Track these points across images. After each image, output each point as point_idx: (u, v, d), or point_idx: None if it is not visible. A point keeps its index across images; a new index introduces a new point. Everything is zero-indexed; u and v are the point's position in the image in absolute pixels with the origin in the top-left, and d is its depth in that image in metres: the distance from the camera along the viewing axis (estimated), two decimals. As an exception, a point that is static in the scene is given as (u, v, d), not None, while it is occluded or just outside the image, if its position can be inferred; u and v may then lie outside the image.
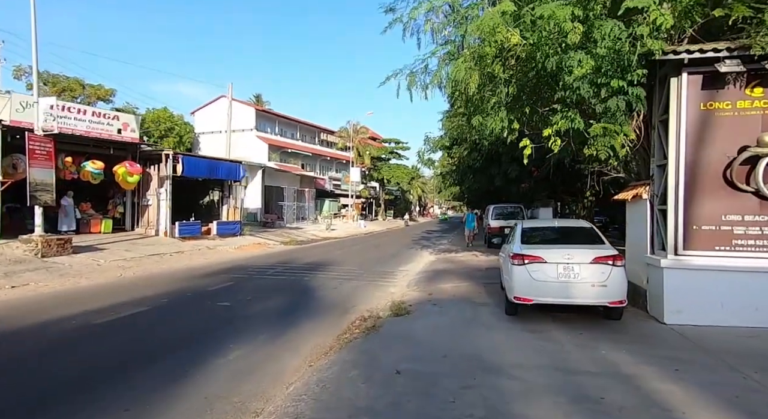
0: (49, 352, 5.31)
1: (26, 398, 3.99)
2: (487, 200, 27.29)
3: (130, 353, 5.27)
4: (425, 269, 12.75)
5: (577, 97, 6.39)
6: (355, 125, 45.46)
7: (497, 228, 18.85)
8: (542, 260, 5.93)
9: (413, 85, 8.07)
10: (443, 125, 18.20)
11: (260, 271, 11.94)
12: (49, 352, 5.31)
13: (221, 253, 16.27)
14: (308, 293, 9.15)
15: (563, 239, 6.52)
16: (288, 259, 15.11)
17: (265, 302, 8.26)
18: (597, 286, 5.68)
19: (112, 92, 35.90)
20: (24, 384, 4.29)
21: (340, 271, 12.37)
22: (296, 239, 23.39)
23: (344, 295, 9.04)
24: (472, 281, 10.26)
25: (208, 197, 21.81)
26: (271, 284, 10.19)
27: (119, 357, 5.09)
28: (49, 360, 5.03)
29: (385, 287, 9.98)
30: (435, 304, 7.73)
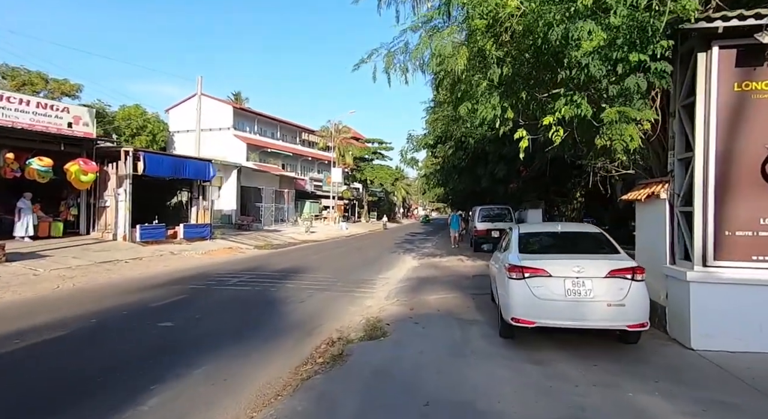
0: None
1: None
2: (473, 202, 26.38)
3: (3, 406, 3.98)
4: (407, 277, 11.63)
5: (585, 77, 5.35)
6: (336, 125, 44.21)
7: (484, 231, 17.86)
8: (546, 274, 4.85)
9: (391, 66, 6.94)
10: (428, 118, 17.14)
11: (222, 280, 10.64)
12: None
13: (185, 259, 14.87)
14: (271, 308, 7.93)
15: (569, 248, 5.46)
16: (258, 265, 13.82)
17: (218, 320, 7.01)
18: (614, 306, 4.62)
19: (78, 87, 33.92)
20: None
21: (313, 279, 11.15)
22: (272, 242, 22.03)
23: (313, 310, 7.85)
24: (458, 291, 9.17)
25: (176, 199, 20.32)
26: (231, 296, 8.92)
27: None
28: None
29: (362, 299, 8.81)
30: (417, 322, 6.59)
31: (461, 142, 17.59)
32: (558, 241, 5.76)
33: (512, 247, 5.67)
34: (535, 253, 5.42)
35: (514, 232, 6.01)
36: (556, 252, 5.36)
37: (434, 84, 7.70)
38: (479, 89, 6.51)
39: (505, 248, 6.38)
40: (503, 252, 6.26)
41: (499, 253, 6.99)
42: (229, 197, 28.05)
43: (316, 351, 5.56)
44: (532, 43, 5.86)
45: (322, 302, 8.53)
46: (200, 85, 19.47)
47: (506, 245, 6.30)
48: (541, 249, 5.58)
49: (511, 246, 5.71)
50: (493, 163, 16.79)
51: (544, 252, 5.46)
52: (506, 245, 6.34)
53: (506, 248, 6.19)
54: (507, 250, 5.95)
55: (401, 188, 60.41)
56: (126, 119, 37.75)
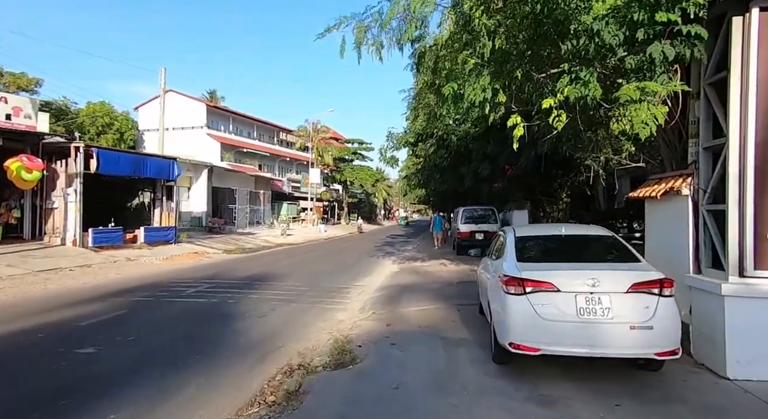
0: None
1: None
2: (455, 203, 25.54)
3: None
4: (386, 284, 10.59)
5: (595, 48, 4.42)
6: (315, 124, 42.96)
7: (467, 233, 16.97)
8: (553, 289, 3.89)
9: (363, 41, 5.90)
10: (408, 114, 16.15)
11: (176, 291, 9.40)
12: None
13: (142, 266, 13.50)
14: (225, 325, 6.77)
15: (578, 255, 4.51)
16: (222, 272, 12.58)
17: (155, 343, 5.83)
18: (638, 328, 3.68)
19: (37, 82, 31.84)
20: None
21: (281, 288, 10.01)
22: (243, 246, 20.73)
23: (274, 326, 6.74)
24: (442, 301, 8.18)
25: (138, 200, 18.82)
26: (180, 310, 7.72)
27: None
28: None
29: (333, 312, 7.73)
30: (394, 343, 5.55)
31: (443, 139, 16.70)
32: (563, 246, 4.80)
33: (507, 254, 4.70)
34: (537, 261, 4.46)
35: (509, 235, 5.03)
36: (562, 260, 4.40)
37: (414, 63, 6.70)
38: (466, 67, 5.54)
39: (497, 254, 5.41)
40: (495, 259, 5.29)
41: (489, 259, 6.02)
42: (199, 198, 26.54)
43: (268, 385, 4.47)
44: (530, 10, 4.93)
45: (287, 316, 7.41)
46: (164, 78, 18.08)
47: (499, 251, 5.32)
48: (544, 257, 4.61)
49: (506, 253, 4.74)
50: (476, 161, 15.92)
51: (547, 260, 4.50)
52: (499, 250, 5.37)
53: (499, 255, 5.21)
54: (501, 257, 4.97)
55: (382, 189, 59.43)
56: (91, 116, 35.67)
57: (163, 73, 18.05)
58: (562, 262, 4.32)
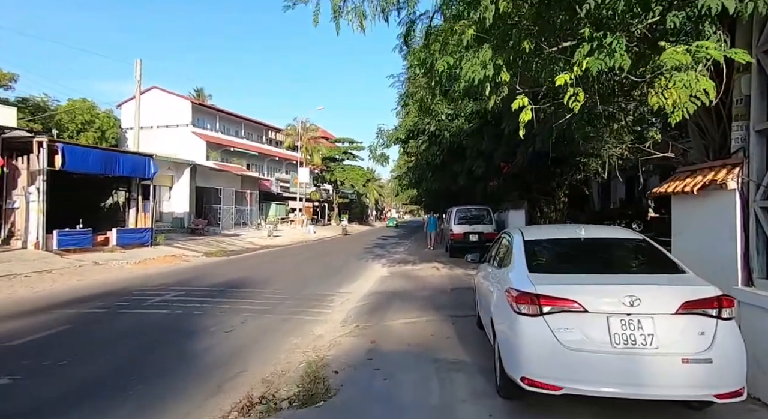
0: None
1: None
2: (447, 203, 24.71)
3: None
4: (374, 290, 9.69)
5: (624, 6, 3.57)
6: (304, 122, 41.92)
7: (461, 234, 16.13)
8: (578, 308, 3.01)
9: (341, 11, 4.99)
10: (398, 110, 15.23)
11: (139, 300, 8.41)
12: None
13: (110, 270, 12.45)
14: (183, 343, 5.82)
15: (604, 263, 3.66)
16: (197, 277, 11.58)
17: (91, 368, 4.86)
18: (692, 362, 2.81)
19: (12, 77, 30.44)
20: None
21: (258, 296, 9.06)
22: (226, 248, 19.69)
23: (241, 344, 5.80)
24: (434, 311, 7.29)
25: (112, 199, 17.71)
26: (137, 324, 6.74)
27: None
28: None
29: (311, 325, 6.81)
30: (378, 368, 4.63)
31: (435, 136, 15.82)
32: (584, 253, 3.91)
33: (515, 262, 3.81)
34: (553, 272, 3.58)
35: (516, 238, 4.15)
36: (586, 271, 3.52)
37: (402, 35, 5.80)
38: (464, 38, 4.65)
39: (500, 261, 4.52)
40: (499, 267, 4.40)
41: (490, 267, 5.14)
42: (181, 198, 25.42)
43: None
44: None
45: (258, 331, 6.47)
46: (139, 70, 16.99)
47: (503, 258, 4.44)
48: (561, 266, 3.72)
49: (514, 260, 3.85)
50: (470, 159, 15.08)
51: (565, 271, 3.61)
52: (503, 257, 4.48)
53: (503, 262, 4.33)
54: (506, 265, 4.09)
55: (373, 189, 58.53)
56: (70, 113, 34.30)
57: (139, 65, 16.98)
58: (585, 273, 3.43)
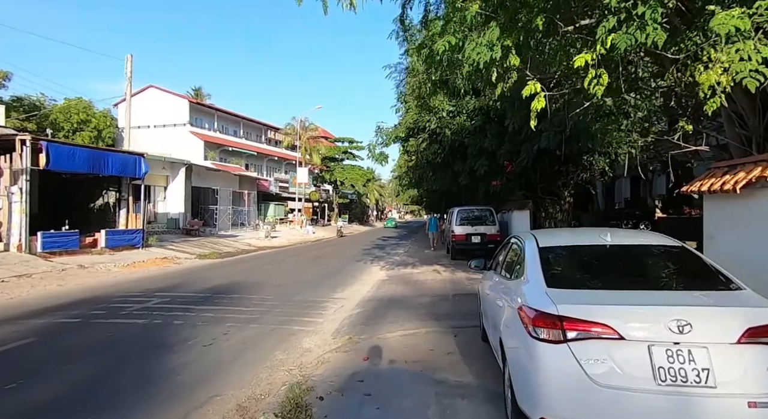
0: None
1: None
2: (448, 203, 24.14)
3: None
4: (371, 296, 9.11)
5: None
6: (303, 121, 41.35)
7: (463, 236, 15.53)
8: (612, 334, 2.42)
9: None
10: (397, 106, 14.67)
11: (117, 308, 7.83)
12: None
13: (95, 274, 11.89)
14: (155, 359, 5.23)
15: (639, 277, 3.07)
16: (186, 282, 11.00)
17: (43, 392, 4.27)
18: (762, 406, 2.21)
19: (5, 75, 29.93)
20: None
21: (246, 302, 8.49)
22: (221, 250, 19.13)
23: (219, 361, 5.22)
24: (434, 321, 6.71)
25: (102, 200, 17.15)
26: (108, 337, 6.15)
27: None
28: None
29: (300, 337, 6.23)
30: (369, 394, 4.04)
31: (436, 134, 15.25)
32: (611, 263, 3.30)
33: (529, 273, 3.22)
34: (576, 286, 2.98)
35: (529, 244, 3.55)
36: (616, 286, 2.92)
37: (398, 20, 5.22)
38: (468, 15, 4.07)
39: (511, 270, 3.93)
40: (510, 278, 3.81)
41: (496, 275, 4.55)
42: (176, 198, 24.84)
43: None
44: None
45: (240, 344, 5.89)
46: (130, 65, 16.41)
47: (513, 267, 3.84)
48: (585, 279, 3.11)
49: (527, 271, 3.25)
50: (472, 158, 14.50)
51: (591, 285, 3.00)
52: (513, 266, 3.89)
53: (514, 272, 3.74)
54: (518, 277, 3.49)
55: (374, 189, 57.99)
56: (65, 112, 33.75)
57: (130, 60, 16.41)
58: (617, 289, 2.84)
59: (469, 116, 14.64)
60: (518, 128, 12.36)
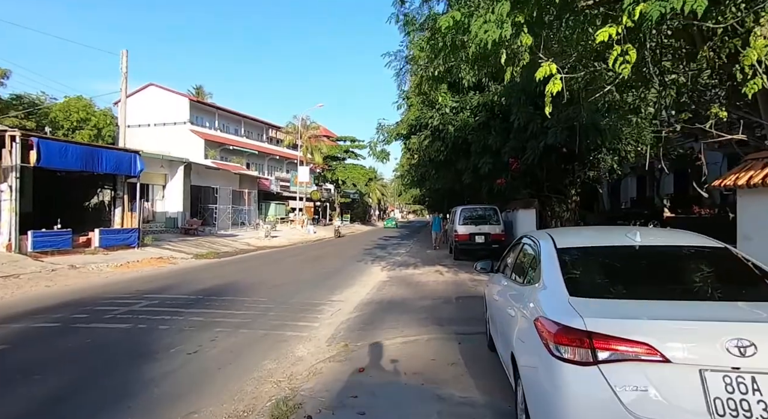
0: None
1: None
2: (451, 203, 23.69)
3: None
4: (370, 299, 8.69)
5: None
6: (304, 120, 40.95)
7: (466, 236, 15.08)
8: (654, 355, 1.98)
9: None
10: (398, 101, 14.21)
11: (102, 311, 7.42)
12: None
13: (86, 275, 11.50)
14: (131, 371, 4.80)
15: (680, 284, 2.61)
16: (179, 283, 10.60)
17: (4, 405, 3.87)
18: None
19: (3, 73, 29.63)
20: None
21: (239, 305, 8.07)
22: (219, 250, 18.74)
23: (202, 371, 4.80)
24: (437, 327, 6.28)
25: (97, 198, 16.79)
26: (85, 344, 5.73)
27: None
28: None
29: (293, 344, 5.81)
30: (364, 412, 3.61)
31: (439, 131, 14.79)
32: (643, 268, 2.85)
33: (547, 278, 2.77)
34: (605, 296, 2.52)
35: (544, 245, 3.10)
36: (652, 295, 2.48)
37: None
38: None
39: (523, 273, 3.49)
40: (523, 283, 3.36)
41: (505, 279, 4.11)
42: (175, 197, 24.47)
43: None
44: None
45: (227, 351, 5.46)
46: (125, 61, 16.02)
47: (526, 270, 3.40)
48: (615, 287, 2.64)
49: (545, 276, 2.81)
50: (476, 155, 14.03)
51: (623, 294, 2.55)
52: (525, 269, 3.45)
53: (527, 276, 3.30)
54: (532, 282, 3.05)
55: (376, 189, 57.53)
56: (65, 111, 33.47)
57: (125, 56, 16.01)
58: (653, 299, 2.39)
59: (473, 113, 14.18)
60: (524, 124, 11.91)
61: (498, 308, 3.93)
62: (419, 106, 15.59)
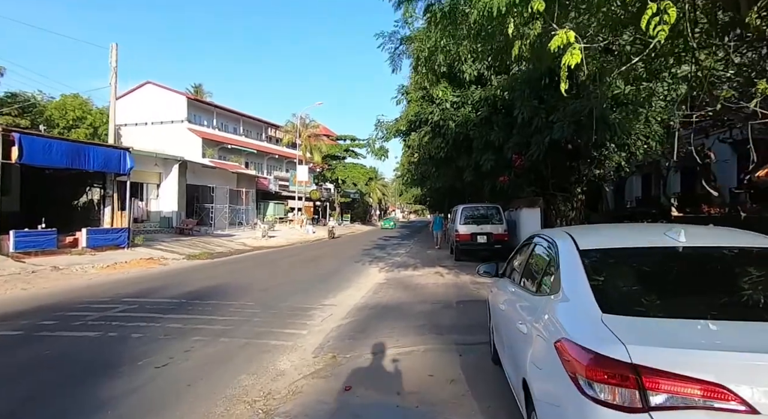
0: None
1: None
2: (452, 202, 23.13)
3: None
4: (364, 303, 8.13)
5: None
6: (303, 118, 40.40)
7: (468, 236, 14.50)
8: (732, 401, 1.40)
9: None
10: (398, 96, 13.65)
11: (73, 317, 6.86)
12: None
13: (68, 277, 10.96)
14: (89, 387, 4.25)
15: (747, 299, 2.04)
16: (164, 285, 10.05)
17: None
18: None
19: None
20: None
21: (224, 310, 7.51)
22: (213, 250, 18.20)
23: (168, 388, 4.23)
24: (435, 336, 5.70)
25: (86, 197, 16.26)
26: (46, 356, 5.16)
27: None
28: None
29: (275, 355, 5.24)
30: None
31: (439, 126, 14.22)
32: (693, 275, 2.28)
33: (568, 286, 2.21)
34: (646, 311, 1.95)
35: (564, 247, 2.53)
36: (713, 312, 1.90)
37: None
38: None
39: (536, 280, 2.92)
40: (536, 292, 2.79)
41: (513, 284, 3.55)
42: (170, 196, 23.94)
43: None
44: None
45: (202, 364, 4.90)
46: (115, 55, 15.48)
47: (541, 276, 2.84)
48: (659, 300, 2.07)
49: (565, 284, 2.24)
50: (478, 151, 13.46)
51: (672, 310, 1.98)
52: (539, 274, 2.89)
53: (543, 284, 2.72)
54: (549, 292, 2.49)
55: (376, 188, 56.96)
56: (60, 109, 33.01)
57: (115, 49, 15.46)
58: (717, 318, 1.82)
59: (475, 108, 13.61)
60: (528, 118, 11.36)
61: (505, 319, 3.36)
62: (419, 101, 15.05)
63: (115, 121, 37.01)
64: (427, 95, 14.95)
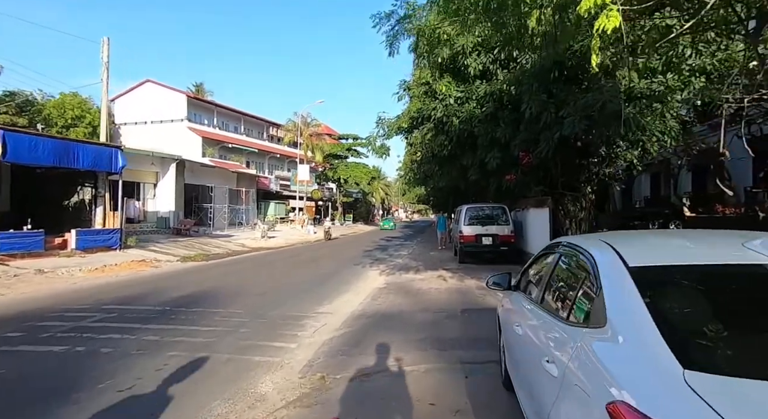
0: None
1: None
2: (456, 202, 22.49)
3: None
4: (361, 312, 7.52)
5: None
6: (304, 117, 39.85)
7: (472, 237, 13.87)
8: None
9: None
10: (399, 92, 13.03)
11: (42, 328, 6.30)
12: None
13: (52, 281, 10.41)
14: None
15: None
16: (150, 290, 9.48)
17: None
18: None
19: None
20: None
21: (208, 320, 6.92)
22: (210, 252, 17.65)
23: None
24: (437, 351, 5.09)
25: (77, 197, 15.74)
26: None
27: None
28: None
29: (256, 376, 4.63)
30: None
31: (442, 123, 13.60)
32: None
33: (619, 319, 1.59)
34: (749, 368, 1.34)
35: (605, 262, 1.91)
36: None
37: None
38: None
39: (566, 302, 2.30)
40: (566, 318, 2.17)
41: (529, 302, 2.93)
42: (167, 196, 23.43)
43: None
44: None
45: (171, 387, 4.29)
46: (107, 49, 14.95)
47: (571, 297, 2.22)
48: (755, 343, 1.47)
49: (614, 316, 1.62)
50: (483, 149, 12.81)
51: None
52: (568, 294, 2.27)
53: (578, 309, 2.10)
54: (587, 318, 1.87)
55: (379, 188, 56.38)
56: (59, 108, 32.64)
57: (106, 43, 14.90)
58: None
59: (479, 103, 12.98)
60: (536, 114, 10.71)
61: (522, 347, 2.74)
62: (421, 97, 14.43)
63: (110, 119, 36.71)
64: (430, 91, 14.31)
